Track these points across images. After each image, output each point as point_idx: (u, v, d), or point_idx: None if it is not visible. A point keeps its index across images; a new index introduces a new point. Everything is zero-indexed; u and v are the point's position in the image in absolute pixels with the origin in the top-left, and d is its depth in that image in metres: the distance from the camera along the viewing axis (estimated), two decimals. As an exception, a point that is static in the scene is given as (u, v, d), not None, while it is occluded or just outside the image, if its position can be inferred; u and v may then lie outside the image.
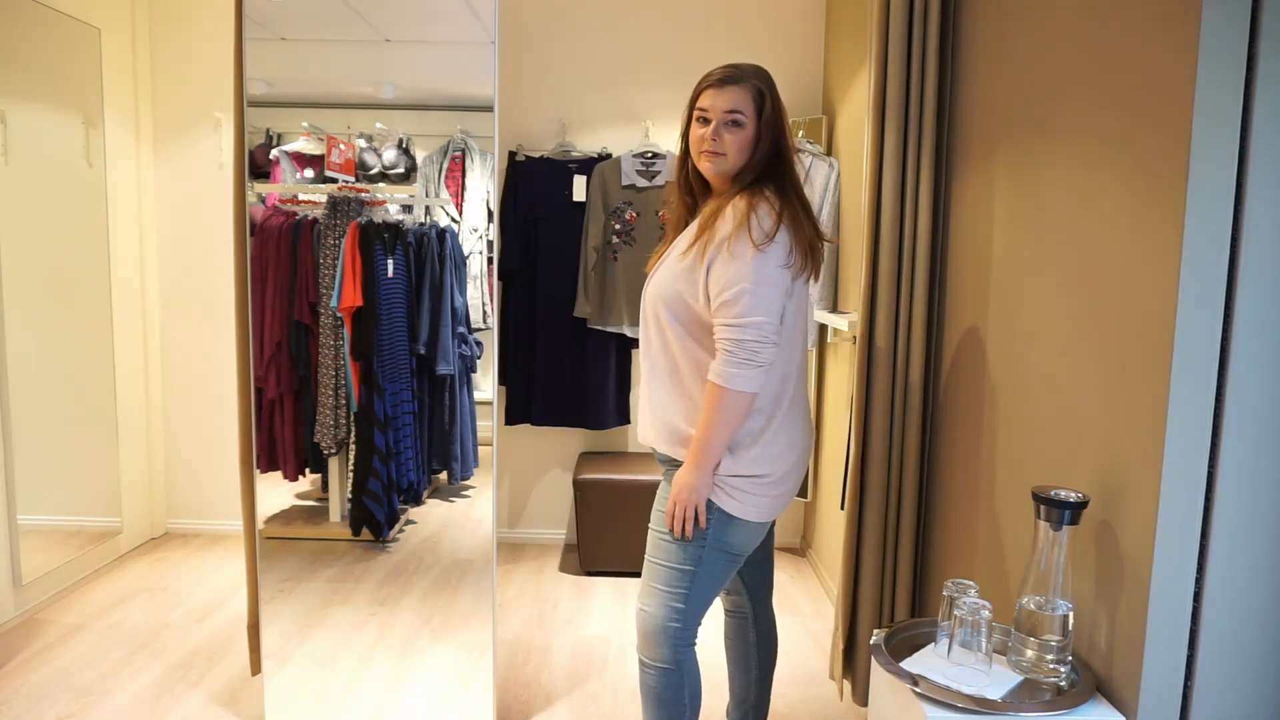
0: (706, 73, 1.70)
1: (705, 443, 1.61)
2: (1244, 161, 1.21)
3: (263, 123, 2.40)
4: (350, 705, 2.24)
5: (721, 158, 1.65)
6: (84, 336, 3.17)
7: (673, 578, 1.70)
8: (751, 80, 1.65)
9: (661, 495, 1.74)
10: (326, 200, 2.31)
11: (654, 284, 1.73)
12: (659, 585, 1.71)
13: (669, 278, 1.69)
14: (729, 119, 1.64)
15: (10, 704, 2.30)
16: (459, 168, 2.95)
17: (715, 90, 1.65)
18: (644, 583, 1.75)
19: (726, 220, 1.62)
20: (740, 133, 1.64)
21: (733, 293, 1.58)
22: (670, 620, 1.70)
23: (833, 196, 3.07)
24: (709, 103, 1.65)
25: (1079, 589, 1.46)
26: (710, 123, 1.65)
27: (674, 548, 1.69)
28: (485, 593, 2.30)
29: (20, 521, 2.83)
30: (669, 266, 1.70)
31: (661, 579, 1.71)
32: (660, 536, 1.72)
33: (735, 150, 1.65)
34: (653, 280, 1.74)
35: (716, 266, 1.60)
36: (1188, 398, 1.24)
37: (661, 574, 1.71)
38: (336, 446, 2.37)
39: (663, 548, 1.71)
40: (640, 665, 1.76)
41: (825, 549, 3.26)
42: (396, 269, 2.32)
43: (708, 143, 1.65)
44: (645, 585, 1.75)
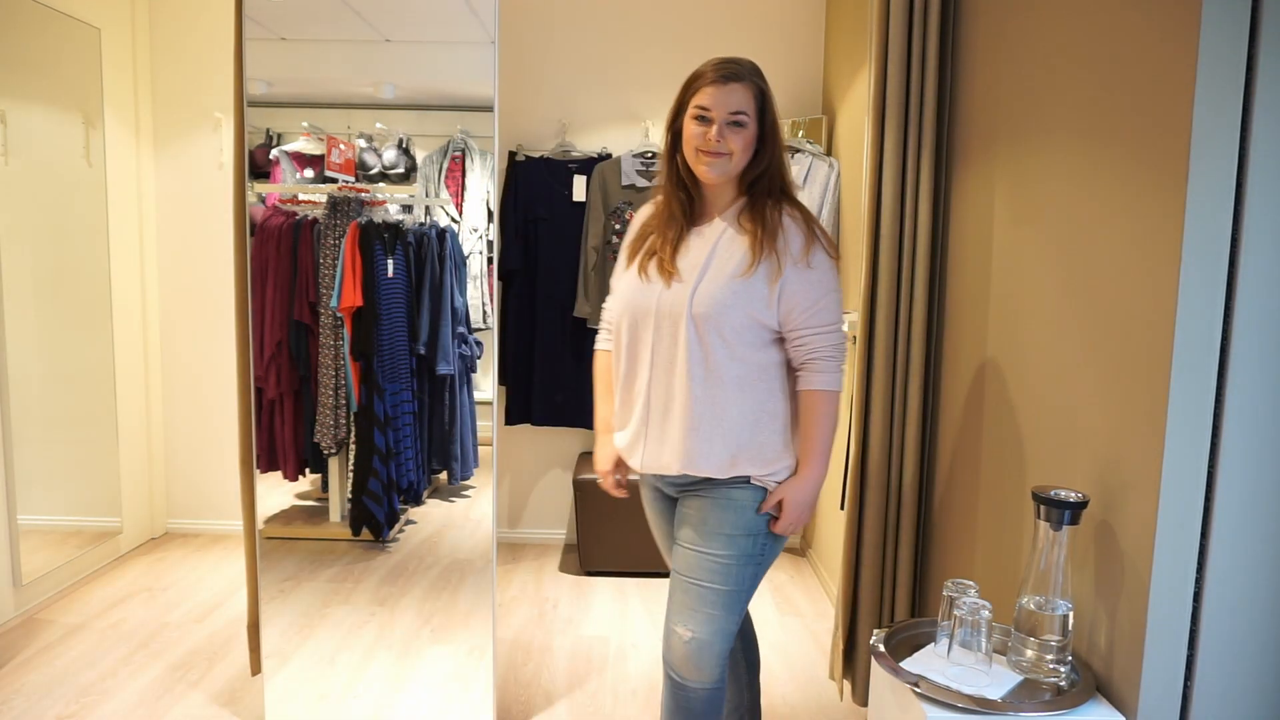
0: (701, 67, 1.61)
1: (824, 450, 1.62)
2: (1244, 161, 1.21)
3: (263, 123, 2.40)
4: (350, 705, 2.24)
5: (725, 159, 1.58)
6: (84, 336, 3.17)
7: (729, 600, 1.62)
8: (751, 79, 1.60)
9: (712, 517, 1.64)
10: (326, 200, 2.31)
11: (704, 304, 1.58)
12: (713, 610, 1.62)
13: (727, 297, 1.57)
14: (732, 119, 1.57)
15: (10, 704, 2.30)
16: (459, 168, 2.95)
17: (717, 88, 1.57)
18: (689, 608, 1.63)
19: (792, 234, 1.60)
20: (744, 133, 1.58)
21: (824, 302, 1.61)
22: (725, 643, 1.64)
23: (833, 196, 3.07)
24: (709, 101, 1.57)
25: (1079, 589, 1.46)
26: (712, 123, 1.57)
27: (732, 570, 1.62)
28: (485, 593, 2.30)
29: (20, 521, 2.83)
30: (722, 285, 1.58)
31: (715, 603, 1.62)
32: (716, 559, 1.62)
33: (740, 151, 1.59)
34: (699, 299, 1.58)
35: (796, 281, 1.59)
36: (1188, 398, 1.24)
37: (714, 597, 1.62)
38: (336, 446, 2.37)
39: (718, 571, 1.62)
40: (682, 689, 1.66)
41: (825, 549, 3.26)
42: (396, 269, 2.33)
43: (710, 143, 1.57)
44: (693, 611, 1.63)
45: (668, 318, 1.61)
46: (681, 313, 1.59)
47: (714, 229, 1.65)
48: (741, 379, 1.60)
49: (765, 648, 2.74)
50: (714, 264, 1.61)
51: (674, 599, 1.67)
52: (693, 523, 1.65)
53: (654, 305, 1.63)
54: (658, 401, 1.64)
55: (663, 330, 1.62)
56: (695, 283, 1.60)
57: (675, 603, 1.67)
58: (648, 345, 1.64)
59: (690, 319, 1.59)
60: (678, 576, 1.66)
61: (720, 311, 1.57)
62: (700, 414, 1.60)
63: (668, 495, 1.76)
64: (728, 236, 1.63)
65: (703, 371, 1.60)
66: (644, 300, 1.64)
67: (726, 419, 1.60)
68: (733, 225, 1.64)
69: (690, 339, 1.59)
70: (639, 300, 1.65)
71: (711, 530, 1.63)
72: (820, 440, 1.62)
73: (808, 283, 1.60)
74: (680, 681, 1.66)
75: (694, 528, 1.65)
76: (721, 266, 1.60)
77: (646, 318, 1.64)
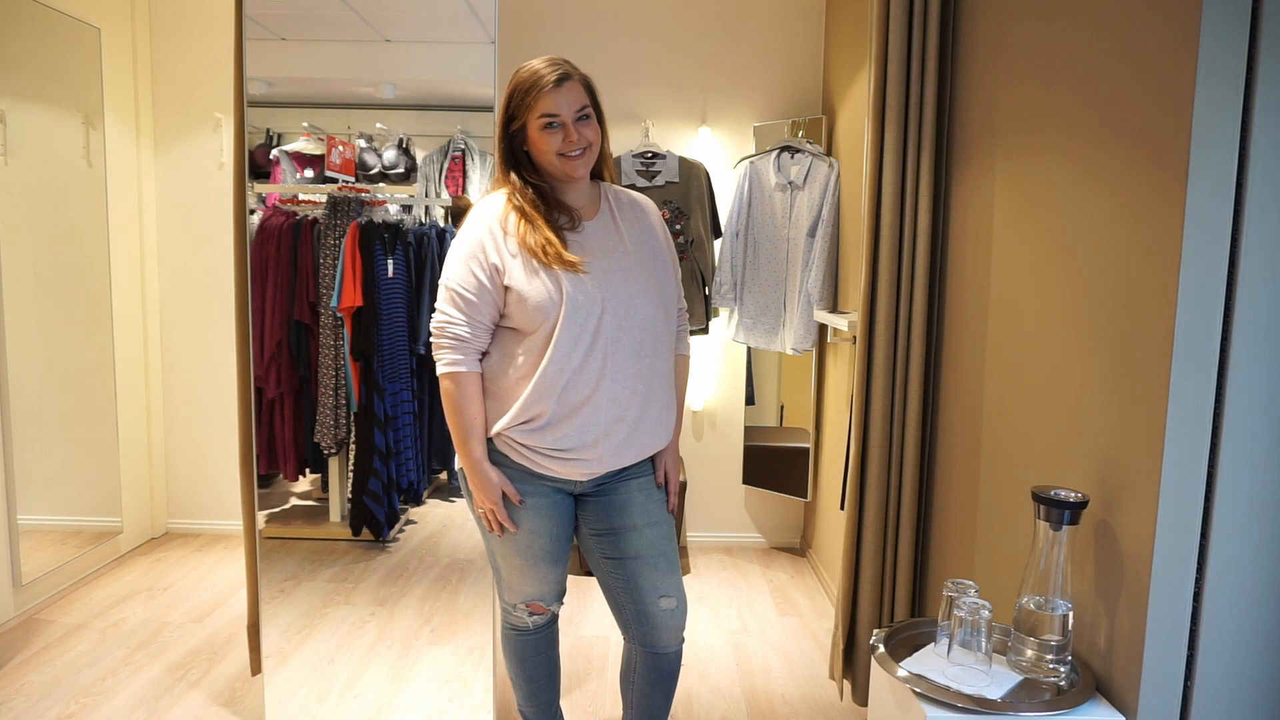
0: (529, 75, 1.60)
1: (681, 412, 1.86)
2: (1244, 161, 1.21)
3: (263, 123, 2.40)
4: (350, 705, 2.24)
5: (588, 154, 1.64)
6: (84, 336, 3.17)
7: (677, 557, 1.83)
8: (578, 73, 1.63)
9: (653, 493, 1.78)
10: (326, 200, 2.31)
11: (649, 294, 1.67)
12: (678, 574, 1.79)
13: (660, 285, 1.72)
14: (579, 115, 1.61)
15: (10, 704, 2.31)
16: (459, 168, 2.95)
17: (556, 92, 1.58)
18: (666, 578, 1.75)
19: (659, 217, 1.82)
20: (592, 123, 1.64)
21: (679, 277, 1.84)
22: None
23: (833, 196, 3.07)
24: (554, 106, 1.58)
25: (1079, 589, 1.46)
26: (564, 125, 1.59)
27: (673, 531, 1.82)
28: (485, 593, 2.30)
29: (20, 521, 2.83)
30: (653, 273, 1.71)
31: (677, 566, 1.80)
32: (668, 526, 1.80)
33: (595, 140, 1.65)
34: (646, 291, 1.67)
35: (672, 255, 1.81)
36: (1188, 398, 1.24)
37: (675, 560, 1.80)
38: (336, 446, 2.37)
39: (671, 536, 1.80)
40: (668, 658, 1.79)
41: (825, 549, 3.26)
42: (396, 269, 2.33)
43: (572, 145, 1.60)
44: (668, 578, 1.75)
45: (648, 312, 1.68)
46: (649, 307, 1.68)
47: (600, 221, 1.71)
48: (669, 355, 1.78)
49: (765, 647, 2.74)
50: (637, 257, 1.70)
51: (645, 578, 1.74)
52: (637, 504, 1.74)
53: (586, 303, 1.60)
54: (627, 397, 1.66)
55: (644, 323, 1.67)
56: (621, 273, 1.66)
57: (648, 580, 1.74)
58: (595, 345, 1.62)
59: (649, 310, 1.68)
60: (645, 556, 1.73)
61: (660, 300, 1.71)
62: (652, 398, 1.71)
63: (571, 494, 1.75)
64: (620, 225, 1.72)
65: (655, 353, 1.70)
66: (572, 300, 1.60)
67: (670, 393, 1.79)
68: (611, 214, 1.73)
69: (648, 325, 1.68)
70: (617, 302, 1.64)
71: (658, 502, 1.78)
72: (682, 405, 1.86)
73: (675, 258, 1.81)
74: (668, 652, 1.78)
75: (640, 507, 1.74)
76: (634, 256, 1.70)
77: (636, 317, 1.66)
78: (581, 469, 1.67)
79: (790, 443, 3.47)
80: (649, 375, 1.68)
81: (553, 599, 1.82)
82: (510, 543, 1.73)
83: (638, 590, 1.73)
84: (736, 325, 3.38)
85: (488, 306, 1.63)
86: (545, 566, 1.75)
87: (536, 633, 1.87)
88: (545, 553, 1.74)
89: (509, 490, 1.68)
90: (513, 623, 1.86)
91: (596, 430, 1.64)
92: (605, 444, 1.66)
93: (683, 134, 3.48)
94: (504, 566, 1.78)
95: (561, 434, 1.63)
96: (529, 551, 1.73)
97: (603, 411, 1.64)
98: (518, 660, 1.90)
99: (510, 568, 1.77)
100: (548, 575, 1.77)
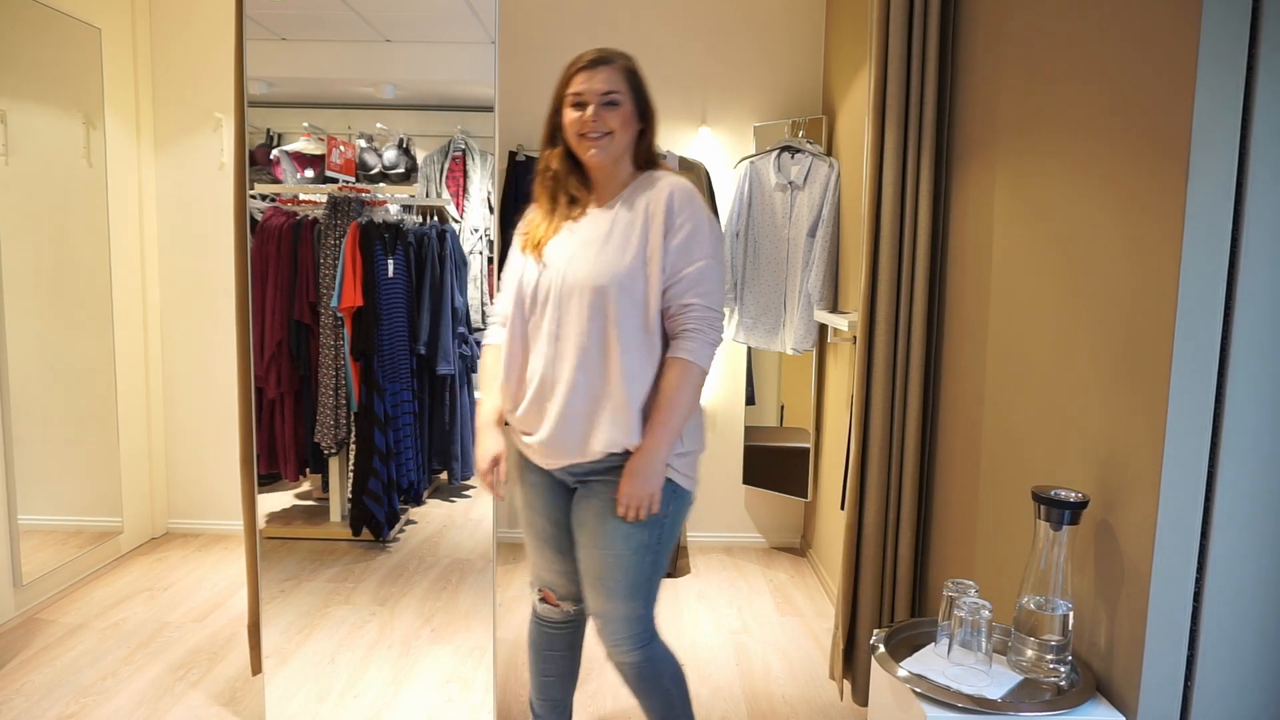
0: (574, 58, 1.65)
1: (673, 425, 1.59)
2: (1244, 162, 1.21)
3: (263, 123, 2.40)
4: (350, 705, 2.25)
5: (607, 138, 1.61)
6: (84, 336, 3.17)
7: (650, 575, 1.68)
8: (620, 61, 1.64)
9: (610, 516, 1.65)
10: (327, 200, 2.31)
11: (593, 268, 1.60)
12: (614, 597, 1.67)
13: (613, 261, 1.60)
14: (605, 100, 1.61)
15: (10, 704, 2.31)
16: (459, 168, 2.95)
17: (588, 73, 1.61)
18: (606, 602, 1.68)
19: (669, 198, 1.62)
20: (619, 111, 1.62)
21: (698, 269, 1.60)
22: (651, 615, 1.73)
23: (833, 196, 3.07)
24: (582, 86, 1.61)
25: (1079, 589, 1.46)
26: (587, 105, 1.61)
27: (646, 537, 1.64)
28: (485, 593, 2.30)
29: (21, 521, 2.83)
30: (604, 251, 1.61)
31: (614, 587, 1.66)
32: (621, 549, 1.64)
33: (619, 127, 1.62)
34: (586, 264, 1.61)
35: (676, 244, 1.60)
36: (1188, 398, 1.24)
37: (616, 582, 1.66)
38: (337, 446, 2.37)
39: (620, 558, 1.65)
40: (631, 668, 1.73)
41: (825, 549, 3.26)
42: (396, 269, 2.33)
43: (588, 125, 1.60)
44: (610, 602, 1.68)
45: (582, 287, 1.61)
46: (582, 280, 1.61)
47: (607, 209, 1.67)
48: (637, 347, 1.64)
49: (765, 647, 2.74)
50: (597, 235, 1.64)
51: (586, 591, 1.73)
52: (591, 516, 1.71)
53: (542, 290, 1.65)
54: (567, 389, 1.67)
55: (578, 302, 1.61)
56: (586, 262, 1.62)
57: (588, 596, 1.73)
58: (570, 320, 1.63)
59: (582, 285, 1.61)
60: (586, 573, 1.73)
61: (614, 275, 1.59)
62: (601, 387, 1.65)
63: (566, 486, 1.79)
64: (615, 211, 1.66)
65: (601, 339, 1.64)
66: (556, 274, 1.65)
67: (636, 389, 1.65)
68: (623, 203, 1.66)
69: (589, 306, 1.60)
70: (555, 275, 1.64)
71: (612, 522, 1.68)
72: (670, 414, 1.60)
73: (685, 247, 1.61)
74: (616, 662, 1.75)
75: (592, 521, 1.70)
76: (593, 235, 1.64)
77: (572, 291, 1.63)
78: (536, 456, 1.71)
79: (790, 443, 3.47)
80: (597, 368, 1.61)
81: (564, 593, 1.83)
82: (523, 521, 1.83)
83: (585, 601, 1.76)
84: (737, 325, 3.38)
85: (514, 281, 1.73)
86: (549, 552, 1.79)
87: (551, 626, 1.89)
88: (547, 536, 1.78)
89: (501, 461, 1.76)
90: (534, 608, 1.91)
91: (540, 417, 1.66)
92: (544, 431, 1.65)
93: (683, 134, 3.48)
94: (526, 546, 1.86)
95: (517, 418, 1.71)
96: (532, 530, 1.81)
97: (544, 399, 1.65)
98: (533, 649, 1.93)
99: (527, 547, 1.85)
100: (553, 562, 1.80)
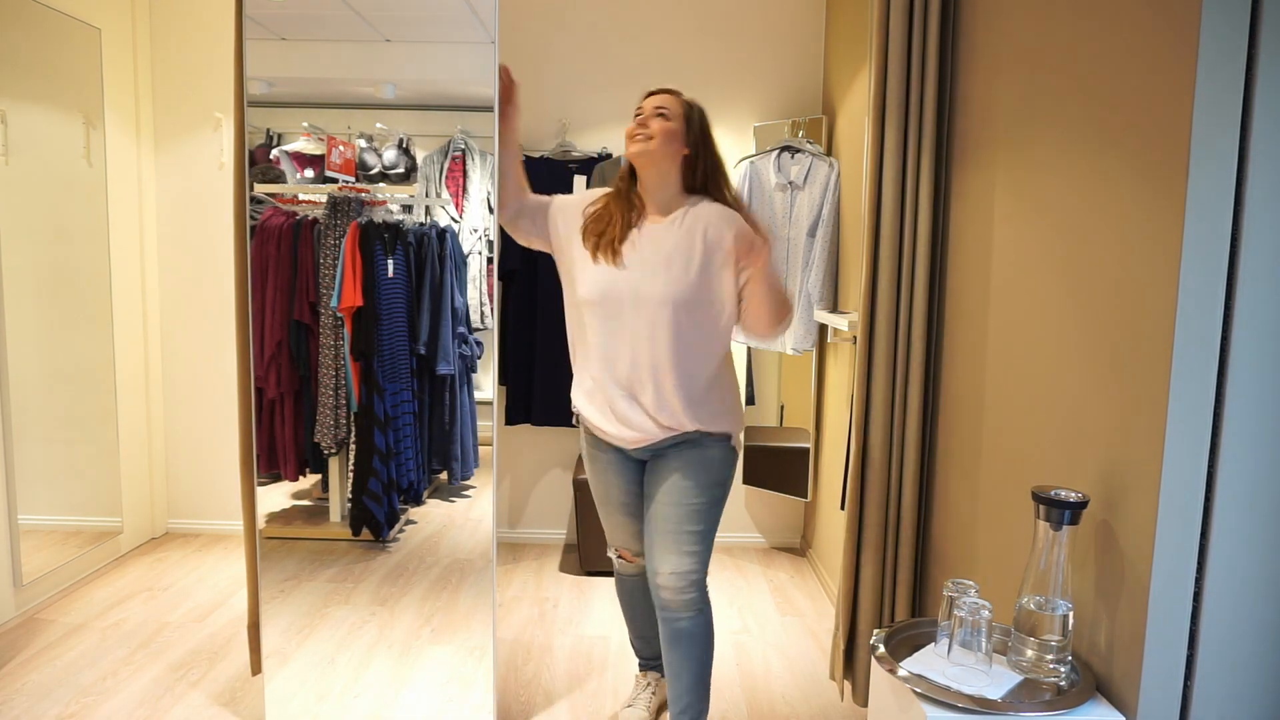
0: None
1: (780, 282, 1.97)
2: (1244, 161, 1.21)
3: (263, 123, 2.40)
4: (350, 705, 2.25)
5: (645, 140, 1.87)
6: (84, 336, 3.17)
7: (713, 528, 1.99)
8: (680, 93, 1.95)
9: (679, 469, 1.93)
10: (326, 200, 2.31)
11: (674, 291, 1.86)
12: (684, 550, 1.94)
13: (694, 285, 1.87)
14: (656, 111, 1.89)
15: (10, 704, 2.31)
16: (459, 168, 2.95)
17: (652, 95, 1.94)
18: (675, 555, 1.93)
19: (728, 222, 1.90)
20: (665, 123, 1.88)
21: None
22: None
23: (833, 196, 3.07)
24: (643, 103, 1.93)
25: (1079, 589, 1.46)
26: (641, 113, 1.91)
27: (714, 493, 1.95)
28: (485, 593, 2.30)
29: (20, 521, 2.83)
30: (682, 276, 1.86)
31: (686, 541, 1.93)
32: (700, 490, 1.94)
33: (660, 135, 1.87)
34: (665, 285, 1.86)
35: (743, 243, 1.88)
36: (1188, 398, 1.24)
37: (686, 537, 1.93)
38: (336, 446, 2.37)
39: (691, 515, 1.93)
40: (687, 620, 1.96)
41: (825, 549, 3.26)
42: (396, 269, 2.33)
43: (636, 127, 1.89)
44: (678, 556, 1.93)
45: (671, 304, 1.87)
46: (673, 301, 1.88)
47: (664, 224, 1.93)
48: (720, 347, 2.01)
49: (765, 647, 2.74)
50: (675, 260, 1.88)
51: (655, 546, 1.98)
52: (668, 479, 2.00)
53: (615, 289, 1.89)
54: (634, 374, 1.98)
55: (667, 314, 1.88)
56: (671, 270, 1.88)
57: (658, 549, 1.98)
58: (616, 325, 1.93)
59: (673, 304, 1.87)
60: (659, 528, 1.99)
61: (698, 297, 1.89)
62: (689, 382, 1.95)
63: (635, 459, 2.08)
64: (678, 228, 1.91)
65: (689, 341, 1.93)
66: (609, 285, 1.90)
67: (726, 382, 2.04)
68: (679, 220, 1.92)
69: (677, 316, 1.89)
70: (638, 293, 1.88)
71: (684, 486, 2.00)
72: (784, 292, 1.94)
73: (746, 232, 1.88)
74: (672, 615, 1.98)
75: (669, 483, 1.99)
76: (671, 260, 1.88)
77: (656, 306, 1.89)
78: (615, 439, 1.96)
79: (790, 443, 3.47)
80: (676, 364, 1.87)
81: (637, 549, 2.14)
82: (598, 495, 2.11)
83: (651, 554, 1.98)
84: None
85: (540, 210, 2.02)
86: (625, 517, 2.09)
87: (630, 578, 2.23)
88: (623, 504, 2.07)
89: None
90: (615, 568, 2.24)
91: (626, 408, 1.92)
92: (631, 420, 1.91)
93: (683, 134, 3.47)
94: (600, 516, 2.15)
95: (595, 410, 1.95)
96: (609, 501, 2.09)
97: (632, 393, 1.91)
98: (624, 600, 2.28)
99: (604, 517, 2.13)
100: (627, 525, 2.10)
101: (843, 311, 2.98)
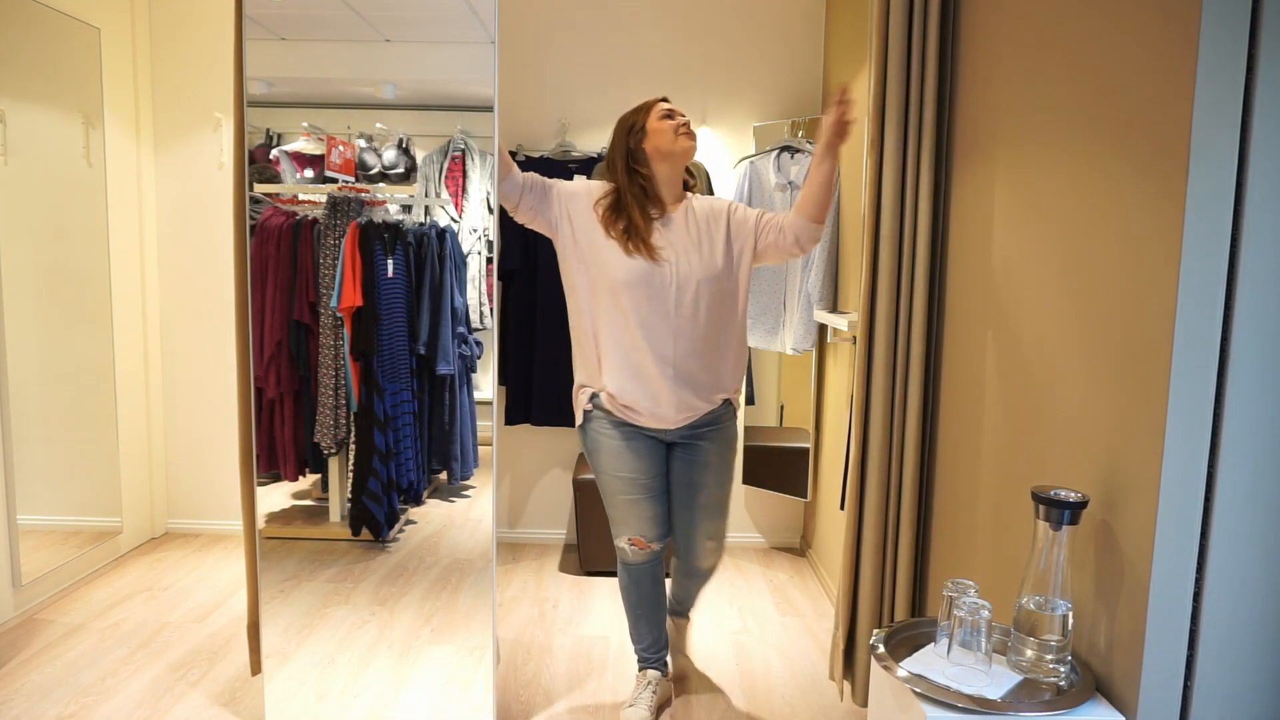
0: (642, 102, 2.13)
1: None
2: (1244, 161, 1.20)
3: (263, 123, 2.40)
4: (350, 705, 2.25)
5: (693, 139, 2.08)
6: (84, 336, 3.17)
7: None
8: None
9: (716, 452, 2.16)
10: (326, 200, 2.31)
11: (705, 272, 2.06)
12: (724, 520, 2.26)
13: (721, 264, 2.07)
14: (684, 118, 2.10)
15: (10, 704, 2.31)
16: (459, 168, 2.95)
17: (664, 102, 2.10)
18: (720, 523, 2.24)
19: (732, 212, 2.14)
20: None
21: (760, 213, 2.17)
22: None
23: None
24: (671, 106, 2.09)
25: (1079, 589, 1.46)
26: (677, 115, 2.07)
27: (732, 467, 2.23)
28: (485, 593, 2.30)
29: (20, 521, 2.83)
30: (710, 256, 2.06)
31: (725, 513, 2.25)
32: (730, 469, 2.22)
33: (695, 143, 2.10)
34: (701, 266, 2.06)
35: (751, 219, 2.14)
36: (1188, 398, 1.24)
37: (725, 510, 2.25)
38: (336, 446, 2.37)
39: (728, 493, 2.22)
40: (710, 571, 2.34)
41: (825, 549, 3.26)
42: (396, 269, 2.33)
43: (685, 125, 2.06)
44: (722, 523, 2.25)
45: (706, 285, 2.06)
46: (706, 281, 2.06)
47: (679, 214, 2.11)
48: (741, 320, 2.19)
49: (765, 647, 2.74)
50: (700, 245, 2.08)
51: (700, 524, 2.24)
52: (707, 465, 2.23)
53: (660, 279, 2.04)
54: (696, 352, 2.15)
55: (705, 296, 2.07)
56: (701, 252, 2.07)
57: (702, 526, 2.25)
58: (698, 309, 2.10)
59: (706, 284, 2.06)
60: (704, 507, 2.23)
61: (731, 275, 2.10)
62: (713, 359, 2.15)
63: (663, 442, 2.23)
64: (692, 218, 2.10)
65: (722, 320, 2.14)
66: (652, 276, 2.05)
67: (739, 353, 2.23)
68: (688, 211, 2.11)
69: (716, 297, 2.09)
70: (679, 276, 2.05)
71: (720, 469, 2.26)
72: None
73: (749, 213, 2.15)
74: (702, 571, 2.35)
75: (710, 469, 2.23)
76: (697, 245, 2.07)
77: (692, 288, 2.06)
78: (650, 421, 2.08)
79: (790, 443, 3.47)
80: (713, 345, 2.08)
81: (652, 535, 2.19)
82: (617, 482, 2.14)
83: (693, 530, 2.22)
84: (736, 325, 3.38)
85: (543, 192, 2.12)
86: (648, 501, 2.15)
87: (639, 566, 2.25)
88: (647, 487, 2.14)
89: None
90: (621, 559, 2.26)
91: (665, 388, 2.05)
92: (670, 399, 2.06)
93: (683, 134, 3.47)
94: (614, 506, 2.18)
95: (627, 391, 2.06)
96: (633, 486, 2.13)
97: (677, 373, 2.05)
98: (631, 590, 2.29)
99: (621, 504, 2.16)
100: (648, 509, 2.16)
101: (842, 311, 2.98)
